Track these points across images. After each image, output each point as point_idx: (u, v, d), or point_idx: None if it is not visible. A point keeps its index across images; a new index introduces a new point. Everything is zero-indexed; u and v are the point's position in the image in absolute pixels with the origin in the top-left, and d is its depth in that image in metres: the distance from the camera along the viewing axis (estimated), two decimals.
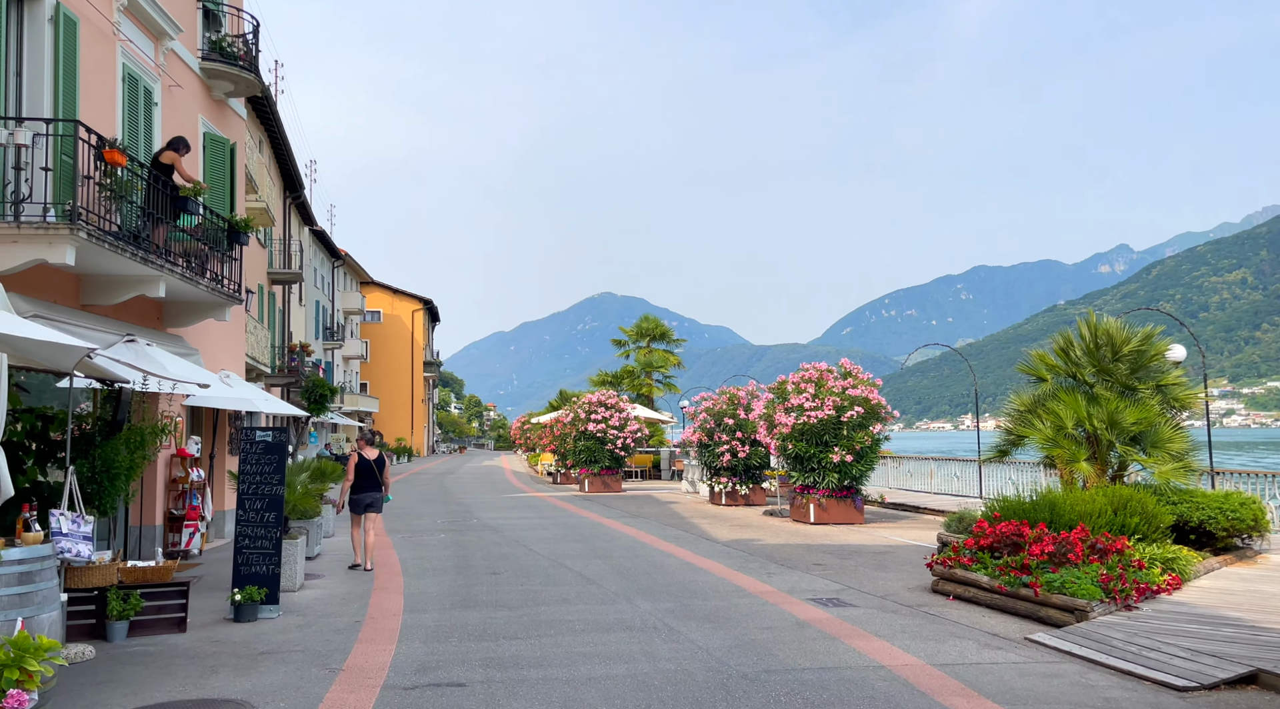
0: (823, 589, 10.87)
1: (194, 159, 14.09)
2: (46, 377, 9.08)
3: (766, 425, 19.60)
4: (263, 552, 8.96)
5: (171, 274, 10.83)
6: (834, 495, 18.42)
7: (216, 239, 12.75)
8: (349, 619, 8.93)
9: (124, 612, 7.75)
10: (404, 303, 79.61)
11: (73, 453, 7.95)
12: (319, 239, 51.10)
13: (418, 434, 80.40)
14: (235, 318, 15.87)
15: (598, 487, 28.37)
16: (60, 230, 8.53)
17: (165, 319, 12.89)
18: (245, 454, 9.10)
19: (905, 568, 12.47)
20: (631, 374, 43.61)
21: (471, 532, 17.07)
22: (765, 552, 14.20)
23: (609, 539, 15.83)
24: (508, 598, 10.16)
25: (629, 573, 11.97)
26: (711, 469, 23.54)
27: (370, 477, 12.39)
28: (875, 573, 12.09)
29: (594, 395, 29.34)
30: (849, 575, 11.86)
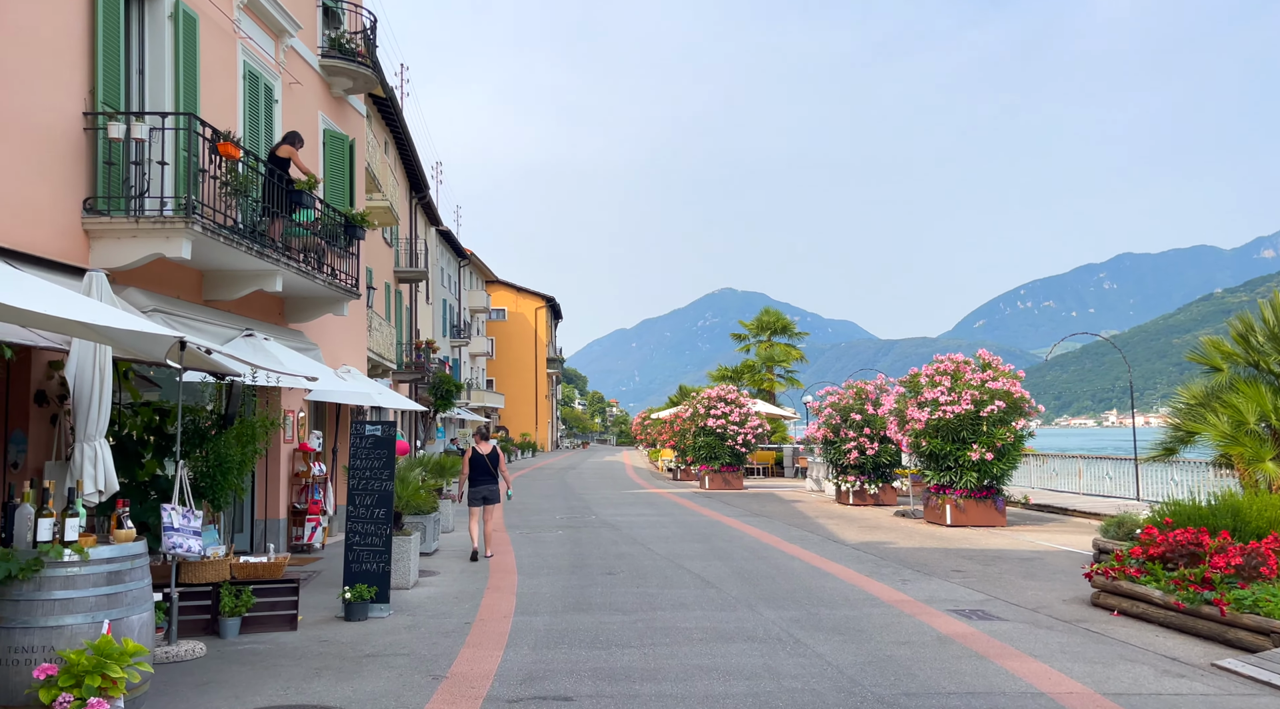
0: (965, 599, 9.91)
1: (313, 155, 14.23)
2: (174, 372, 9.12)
3: (897, 421, 18.50)
4: (373, 549, 8.76)
5: (288, 268, 10.83)
6: (973, 496, 17.17)
7: (334, 234, 12.77)
8: (459, 620, 8.62)
9: (236, 608, 7.64)
10: (527, 300, 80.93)
11: (186, 447, 7.91)
12: (445, 239, 52.31)
13: (542, 430, 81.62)
14: (356, 314, 16.02)
15: (718, 483, 27.71)
16: (176, 224, 8.53)
17: (286, 314, 13.02)
18: (354, 449, 8.92)
19: (1057, 577, 11.33)
20: (752, 369, 42.65)
21: (589, 529, 16.73)
22: (898, 556, 13.25)
23: (729, 539, 15.17)
24: (622, 601, 9.66)
25: (751, 576, 11.29)
26: (838, 467, 22.52)
27: (485, 470, 12.81)
28: (1023, 581, 11.01)
29: (713, 390, 28.68)
30: (993, 584, 10.83)
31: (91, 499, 5.89)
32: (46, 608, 4.58)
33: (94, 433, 5.92)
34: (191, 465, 8.00)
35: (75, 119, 8.47)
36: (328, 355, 14.47)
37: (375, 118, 29.23)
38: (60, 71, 8.30)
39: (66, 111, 8.36)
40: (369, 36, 15.84)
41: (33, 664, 4.34)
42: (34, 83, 7.93)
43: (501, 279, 78.67)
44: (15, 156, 7.71)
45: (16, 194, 7.72)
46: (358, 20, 15.82)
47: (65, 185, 8.33)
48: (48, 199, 8.11)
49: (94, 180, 8.64)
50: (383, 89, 27.17)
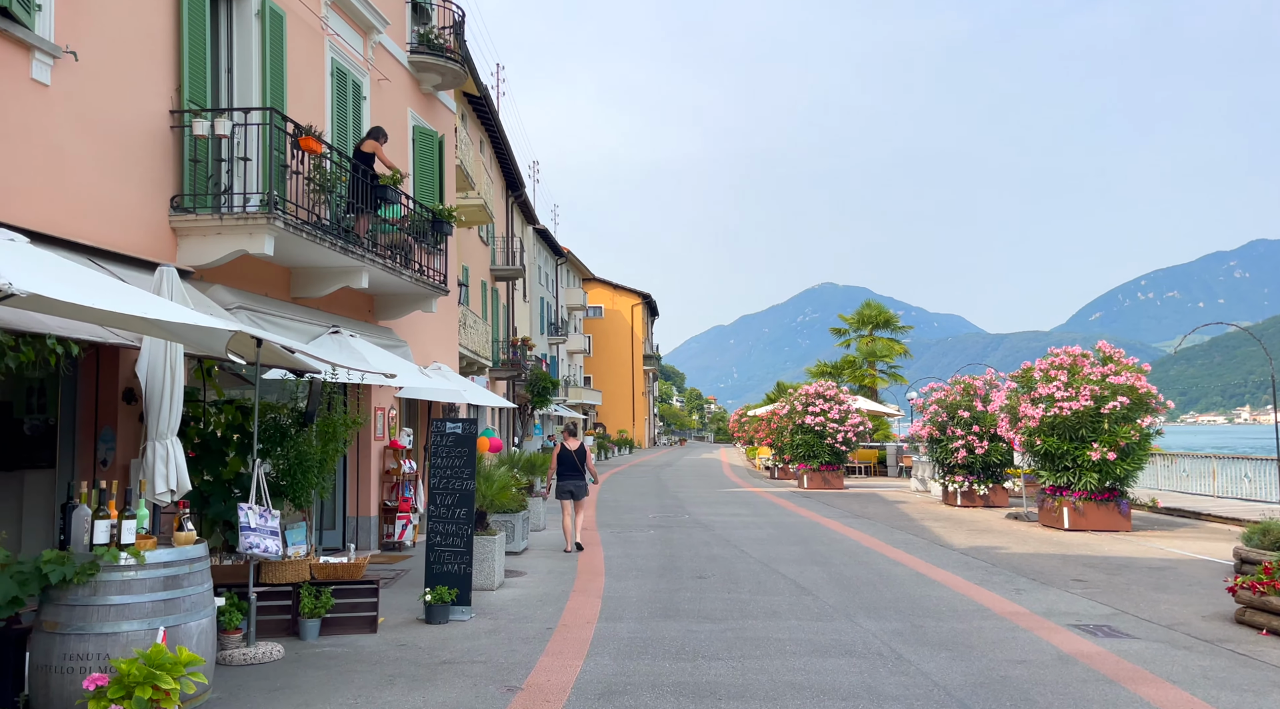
0: (1088, 613, 9.06)
1: (402, 152, 14.22)
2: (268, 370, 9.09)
3: (1009, 418, 17.42)
4: (454, 550, 8.53)
5: (373, 265, 10.75)
6: (1093, 498, 16.01)
7: (422, 230, 12.70)
8: (540, 625, 8.31)
9: (315, 610, 7.51)
10: (624, 298, 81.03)
11: (267, 445, 7.83)
12: (542, 238, 52.71)
13: (639, 426, 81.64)
14: (447, 310, 15.99)
15: (817, 483, 26.88)
16: (258, 220, 8.49)
17: (376, 312, 13.02)
18: (435, 447, 8.72)
19: (1193, 590, 10.30)
20: (852, 364, 41.36)
21: (682, 529, 16.30)
22: (1011, 562, 12.36)
23: (828, 542, 14.50)
24: (712, 607, 9.19)
25: (849, 583, 10.66)
26: (944, 466, 21.46)
27: (572, 466, 13.19)
28: (1154, 594, 10.04)
29: (811, 386, 27.84)
30: (1120, 596, 9.91)
31: (163, 498, 5.79)
32: (102, 614, 4.44)
33: (165, 431, 5.82)
34: (273, 464, 7.92)
35: (162, 117, 8.52)
36: (418, 352, 14.45)
37: (470, 117, 29.48)
38: (147, 70, 8.34)
39: (153, 110, 8.41)
40: (458, 32, 15.78)
41: (87, 672, 4.20)
42: (121, 82, 7.98)
43: (598, 277, 78.97)
44: (103, 156, 7.76)
45: (105, 193, 7.77)
46: (446, 15, 15.77)
47: (153, 184, 8.38)
48: (135, 198, 8.16)
49: (180, 178, 8.68)
50: (476, 86, 27.35)
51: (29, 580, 4.31)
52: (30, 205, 6.84)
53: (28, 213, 6.77)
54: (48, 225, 6.95)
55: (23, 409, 7.97)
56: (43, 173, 7.02)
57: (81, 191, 7.45)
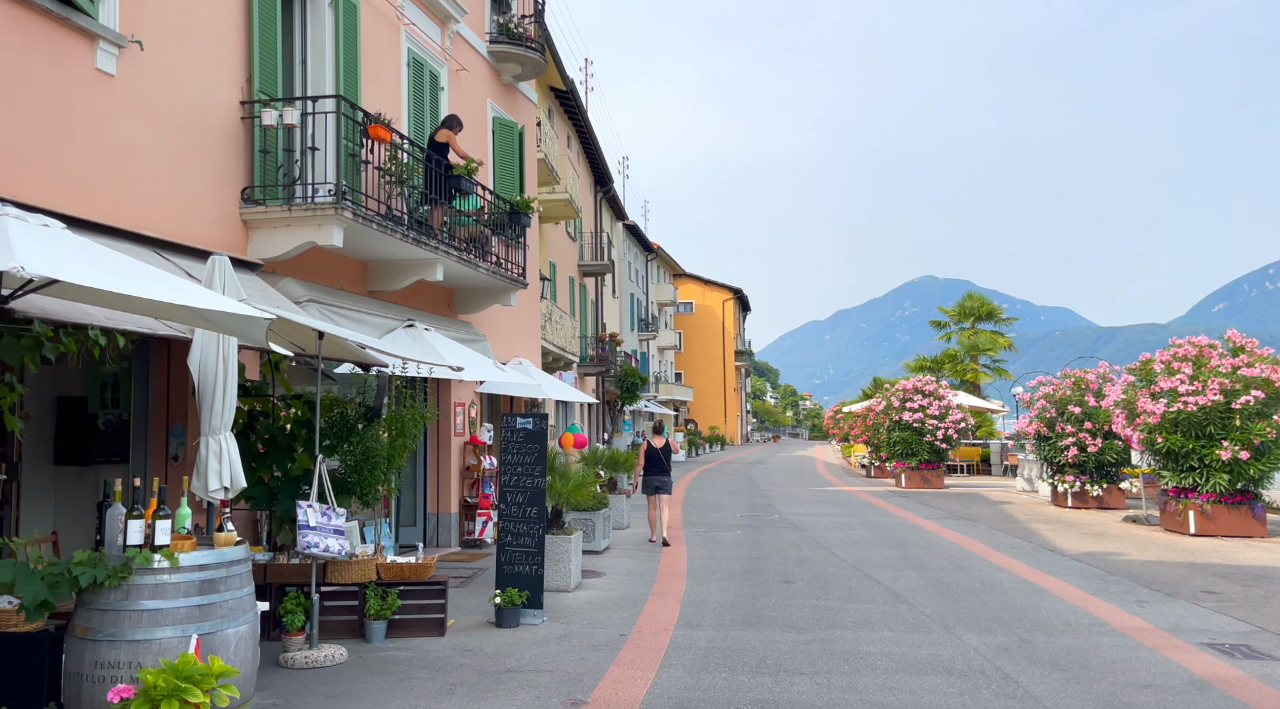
0: (1221, 629, 8.13)
1: (482, 143, 14.02)
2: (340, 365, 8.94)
3: (1125, 414, 16.19)
4: (525, 550, 8.19)
5: (448, 257, 10.52)
6: (1223, 501, 14.70)
7: (500, 222, 12.46)
8: (614, 631, 7.88)
9: (381, 611, 7.27)
10: (714, 293, 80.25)
11: (334, 441, 7.63)
12: (632, 234, 52.50)
13: (731, 423, 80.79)
14: (528, 305, 15.76)
15: (916, 482, 25.77)
16: (326, 211, 8.32)
17: (455, 306, 12.85)
18: (505, 443, 8.39)
19: None
20: (953, 358, 39.66)
21: (770, 529, 15.68)
22: (1130, 571, 11.35)
23: (926, 545, 13.67)
24: (798, 615, 8.61)
25: (949, 591, 9.90)
26: (1053, 465, 20.19)
27: (658, 462, 13.63)
28: None
29: (909, 382, 26.70)
30: (1259, 611, 8.89)
31: (216, 496, 5.59)
32: (134, 619, 4.21)
33: (218, 426, 5.61)
34: (341, 460, 7.72)
35: (232, 108, 8.43)
36: (498, 347, 14.25)
37: (557, 111, 29.37)
38: (217, 60, 8.26)
39: (223, 101, 8.32)
40: (539, 20, 15.51)
41: (117, 681, 3.98)
42: (189, 72, 7.91)
43: (689, 272, 78.40)
44: (172, 147, 7.69)
45: (174, 185, 7.70)
46: (527, 4, 15.52)
47: (223, 175, 8.29)
48: (205, 190, 8.08)
49: (251, 170, 8.58)
50: (561, 79, 27.18)
51: (60, 583, 4.12)
52: (94, 197, 6.77)
53: (91, 204, 6.71)
54: (112, 217, 6.88)
55: (97, 404, 7.99)
56: (108, 164, 6.96)
57: (149, 184, 7.38)
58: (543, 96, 27.18)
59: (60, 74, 6.53)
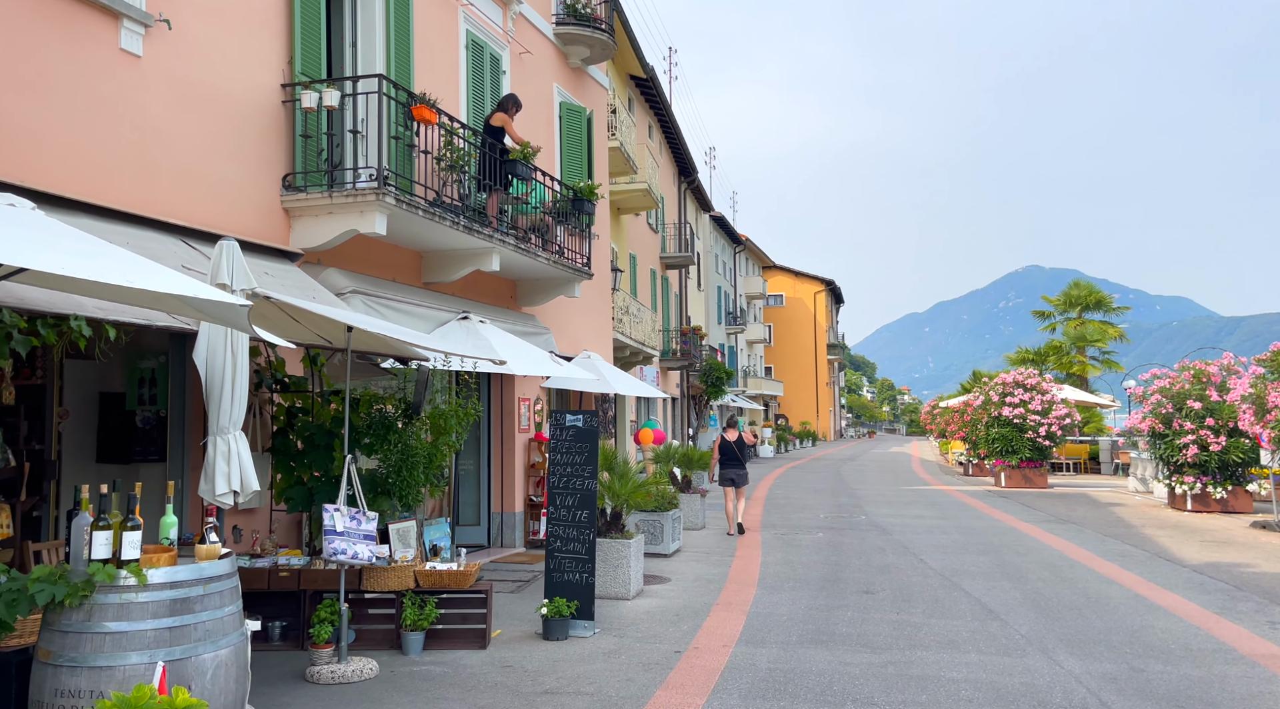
0: None
1: (548, 129, 13.55)
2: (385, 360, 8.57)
3: (1254, 409, 14.67)
4: (574, 557, 7.64)
5: (504, 246, 10.06)
6: None
7: (564, 210, 11.96)
8: (669, 647, 7.26)
9: (418, 622, 6.83)
10: (806, 285, 78.53)
11: (372, 440, 7.23)
12: (719, 225, 51.65)
13: (823, 418, 79.01)
14: (597, 296, 15.23)
15: (1016, 481, 24.28)
16: (367, 197, 7.93)
17: (519, 298, 12.42)
18: (554, 441, 7.85)
19: None
20: (1058, 350, 37.46)
21: (855, 531, 14.78)
22: (1261, 585, 10.11)
23: (1024, 552, 12.58)
24: (875, 632, 7.82)
25: (1048, 606, 8.92)
26: (1170, 464, 18.58)
27: (733, 456, 14.11)
28: None
29: (1009, 375, 25.18)
30: None
31: (225, 500, 5.21)
32: (96, 643, 3.80)
33: (227, 425, 5.23)
34: (382, 460, 7.32)
35: (272, 91, 8.13)
36: (565, 340, 13.78)
37: (638, 100, 28.83)
38: (255, 41, 7.96)
39: (262, 83, 8.02)
40: (611, 1, 14.94)
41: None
42: (224, 53, 7.62)
43: (778, 264, 76.94)
44: (206, 132, 7.40)
45: (210, 172, 7.42)
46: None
47: (263, 162, 7.99)
48: (244, 177, 7.79)
49: (292, 156, 8.26)
50: (641, 67, 26.61)
51: (18, 601, 3.75)
52: (115, 183, 6.50)
53: (112, 191, 6.44)
54: (137, 205, 6.60)
55: (134, 400, 7.80)
56: (132, 149, 6.69)
57: (179, 171, 7.10)
58: (622, 85, 26.66)
59: (81, 55, 6.28)
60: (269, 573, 6.92)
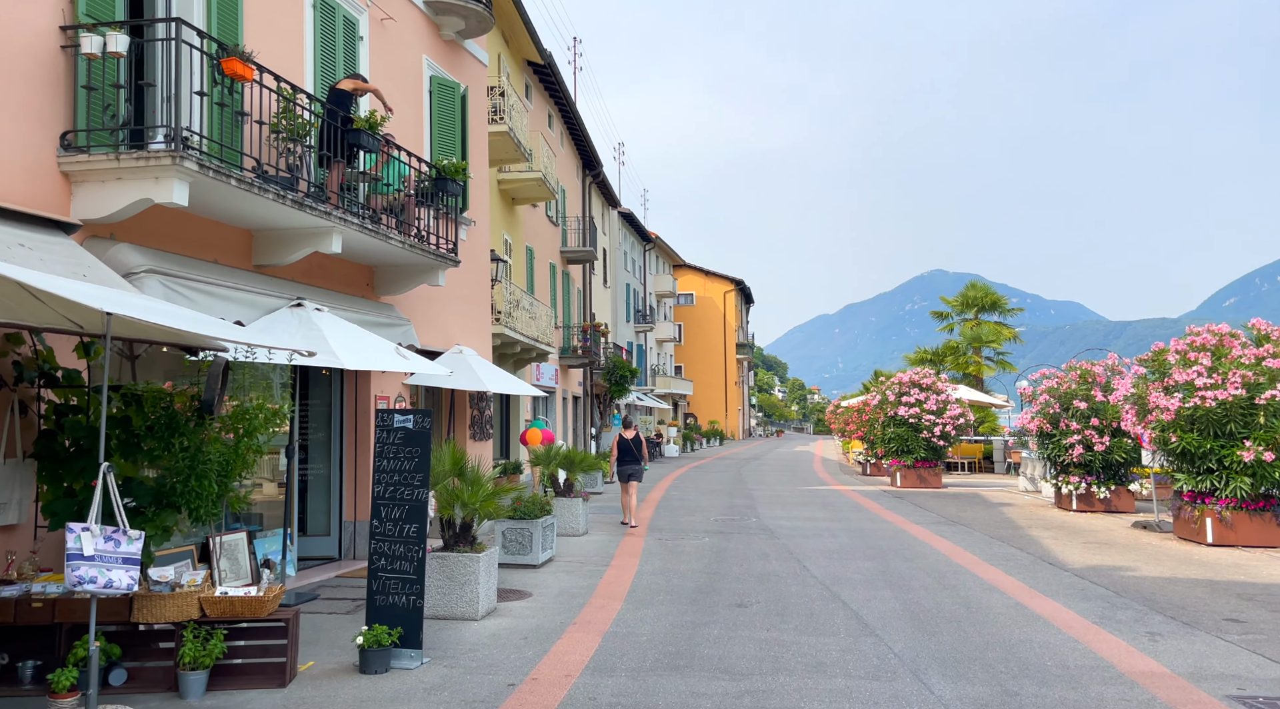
0: (1253, 674, 6.63)
1: (416, 104, 12.51)
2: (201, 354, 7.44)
3: (1136, 410, 14.62)
4: (401, 577, 6.71)
5: (346, 225, 9.02)
6: (1244, 507, 13.17)
7: (429, 192, 10.96)
8: (504, 679, 6.39)
9: (199, 658, 5.80)
10: (716, 284, 78.62)
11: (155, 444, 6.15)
12: (628, 222, 50.95)
13: (732, 417, 79.24)
14: (473, 287, 14.24)
15: (912, 481, 24.23)
16: (162, 160, 6.82)
17: (376, 286, 11.36)
18: (379, 446, 6.91)
19: None
20: (955, 351, 37.96)
21: (743, 536, 14.18)
22: (1141, 590, 9.83)
23: (911, 556, 12.15)
24: (739, 654, 7.11)
25: (928, 619, 8.39)
26: (1057, 464, 18.63)
27: (630, 453, 15.27)
28: None
29: (905, 374, 25.13)
30: None
31: None
32: None
33: None
34: (168, 466, 6.25)
35: (50, 35, 6.94)
36: (433, 333, 12.76)
37: (536, 87, 27.84)
38: None
39: (35, 25, 6.83)
40: None
41: None
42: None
43: (689, 263, 76.81)
44: None
45: None
46: None
47: (34, 117, 6.80)
48: (11, 133, 6.60)
49: (73, 111, 7.09)
50: (539, 53, 25.64)
51: None
52: None
53: None
54: None
55: None
56: None
57: None
58: (518, 70, 25.64)
59: None
60: (16, 604, 5.79)
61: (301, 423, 11.19)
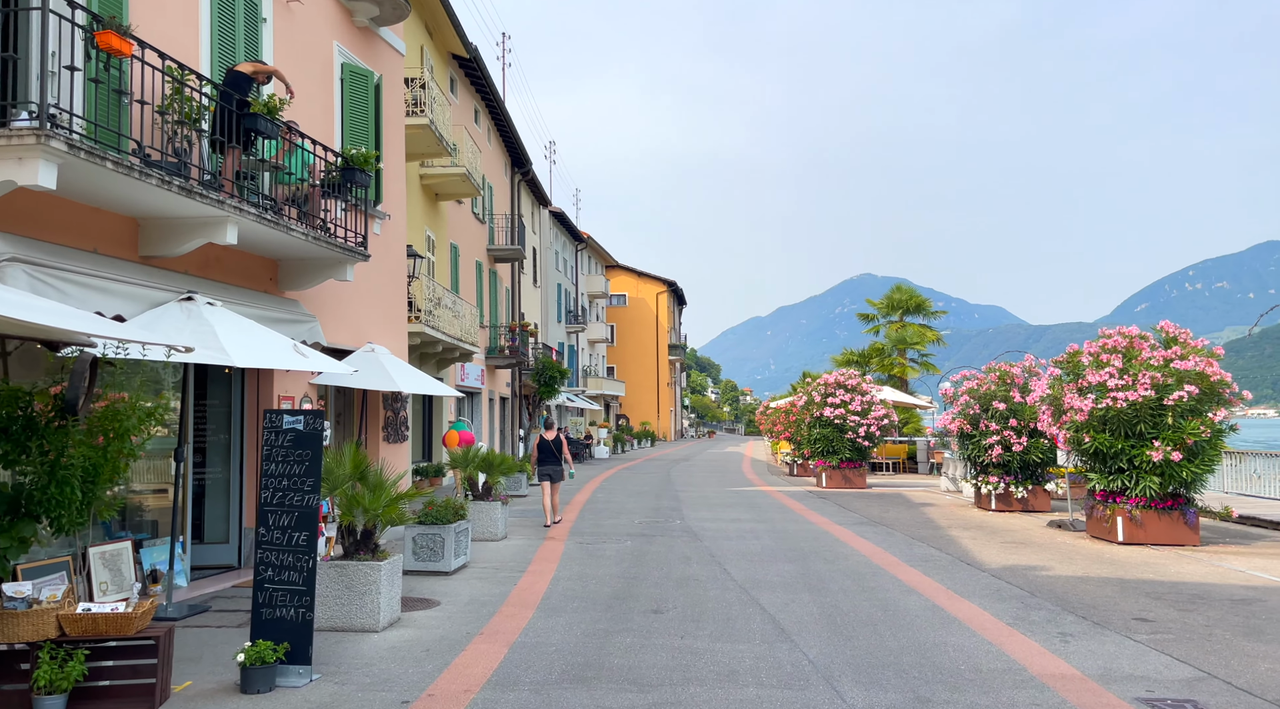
0: (1161, 676, 6.63)
1: (326, 92, 11.99)
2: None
3: (1051, 410, 14.85)
4: (289, 588, 6.28)
5: (243, 215, 8.51)
6: (1153, 506, 13.45)
7: (336, 184, 10.48)
8: (397, 696, 6.02)
9: (55, 682, 5.31)
10: (649, 285, 78.59)
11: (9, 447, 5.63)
12: (559, 221, 50.52)
13: (664, 418, 79.28)
14: (387, 283, 13.74)
15: (837, 482, 24.38)
16: (25, 139, 6.27)
17: (281, 280, 10.82)
18: (268, 449, 6.47)
19: None
20: (881, 352, 38.51)
21: (665, 538, 13.96)
22: (1054, 590, 9.89)
23: (832, 558, 12.08)
24: (650, 663, 6.86)
25: (845, 623, 8.26)
26: (977, 465, 18.88)
27: (550, 454, 15.45)
28: (1246, 643, 7.56)
29: (831, 376, 25.29)
30: (1201, 647, 7.43)
31: None
32: None
33: None
34: (23, 472, 5.72)
35: None
36: (343, 330, 12.25)
37: (461, 82, 27.29)
38: None
39: None
40: None
41: None
42: None
43: (622, 264, 76.63)
44: None
45: None
46: None
47: None
48: None
49: None
50: (464, 47, 25.11)
51: None
52: None
53: None
54: None
55: None
56: None
57: None
58: (443, 63, 25.07)
59: None
60: None
61: (199, 424, 10.61)
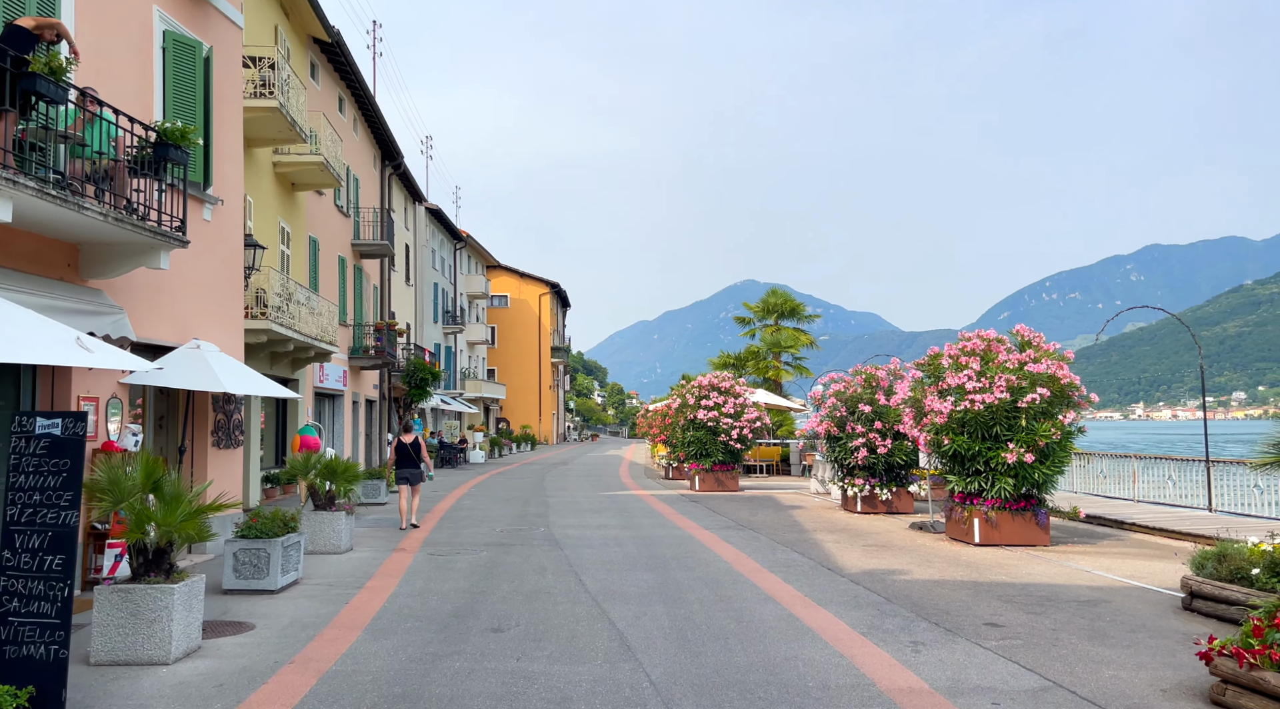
0: (1008, 686, 6.44)
1: (144, 62, 10.83)
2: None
3: (913, 413, 14.95)
4: (39, 622, 5.36)
5: (20, 190, 7.43)
6: (1007, 507, 13.64)
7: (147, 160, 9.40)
8: None
9: None
10: (531, 286, 77.52)
11: None
12: (436, 219, 49.03)
13: (546, 421, 78.32)
14: (219, 274, 12.60)
15: (710, 485, 24.21)
16: None
17: (83, 267, 9.65)
18: (16, 458, 5.52)
19: (1139, 639, 7.82)
20: (756, 355, 38.86)
21: (524, 548, 13.30)
22: (910, 595, 9.75)
23: (693, 565, 11.69)
24: (477, 692, 6.21)
25: (695, 637, 7.82)
26: (843, 467, 18.97)
27: (408, 457, 15.65)
28: (1091, 648, 7.50)
29: (705, 378, 25.14)
30: (1049, 651, 7.33)
31: None
32: None
33: None
34: None
35: None
36: (162, 324, 11.10)
37: (324, 67, 25.91)
38: None
39: None
40: None
41: None
42: None
43: (504, 264, 75.32)
44: None
45: None
46: None
47: None
48: None
49: None
50: (324, 30, 23.80)
51: None
52: None
53: None
54: None
55: None
56: None
57: None
58: (302, 47, 23.70)
59: None
60: None
61: None
